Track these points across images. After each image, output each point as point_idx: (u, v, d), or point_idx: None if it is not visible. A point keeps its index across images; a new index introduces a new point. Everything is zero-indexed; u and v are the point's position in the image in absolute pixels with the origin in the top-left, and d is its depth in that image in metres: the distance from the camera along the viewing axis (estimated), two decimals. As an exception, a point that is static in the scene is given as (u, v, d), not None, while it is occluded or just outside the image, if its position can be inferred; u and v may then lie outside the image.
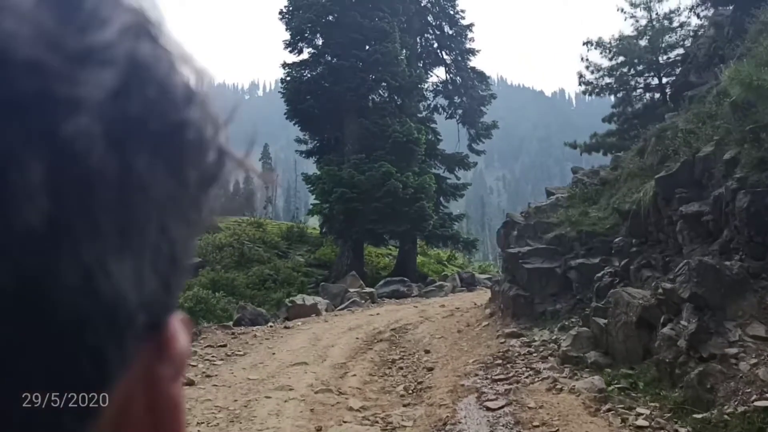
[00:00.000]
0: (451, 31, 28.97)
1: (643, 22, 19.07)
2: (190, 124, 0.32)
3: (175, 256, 0.32)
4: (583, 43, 19.79)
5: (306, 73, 23.88)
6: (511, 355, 8.21)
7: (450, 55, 29.20)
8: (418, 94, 25.34)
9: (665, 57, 18.90)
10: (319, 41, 23.93)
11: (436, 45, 29.27)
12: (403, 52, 23.21)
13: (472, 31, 29.03)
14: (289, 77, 23.85)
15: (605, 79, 20.10)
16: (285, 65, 23.98)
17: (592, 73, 20.21)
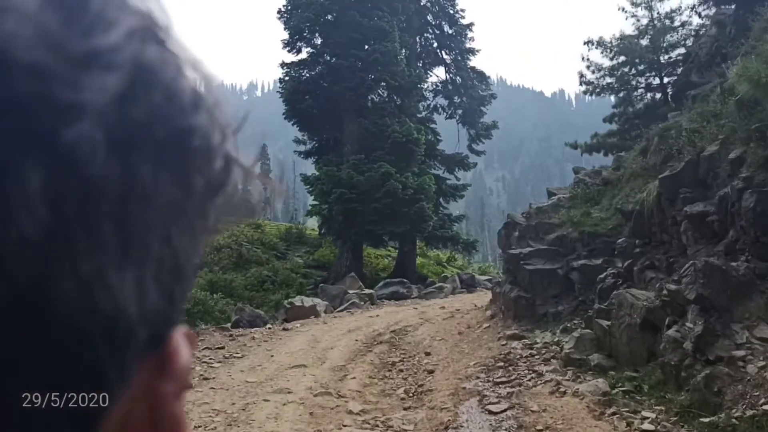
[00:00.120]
0: (450, 31, 28.86)
1: (645, 22, 19.03)
2: (197, 131, 0.31)
3: (179, 267, 0.31)
4: (584, 43, 19.75)
5: (305, 73, 23.75)
6: (512, 357, 8.11)
7: (450, 54, 29.10)
8: (418, 94, 25.23)
9: (666, 56, 18.85)
10: (318, 41, 23.79)
11: (436, 44, 29.16)
12: (403, 51, 23.09)
13: (471, 30, 28.96)
14: (287, 77, 23.73)
15: (606, 79, 20.03)
16: (283, 65, 23.85)
17: (593, 72, 20.16)
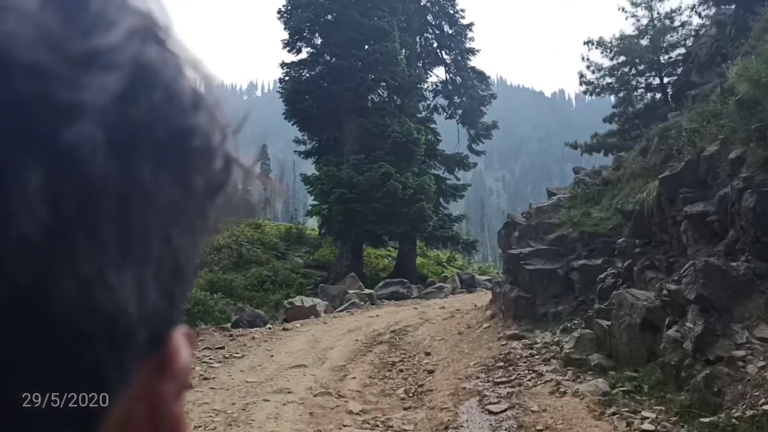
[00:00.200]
0: (450, 31, 28.84)
1: (645, 22, 19.02)
2: (197, 131, 0.31)
3: (179, 267, 0.31)
4: (584, 43, 19.74)
5: (305, 73, 23.74)
6: (512, 357, 8.11)
7: (450, 54, 29.07)
8: (418, 94, 25.21)
9: (666, 56, 18.85)
10: (318, 41, 23.77)
11: (436, 44, 29.14)
12: (403, 51, 23.07)
13: (471, 30, 28.94)
14: (287, 77, 23.70)
15: (606, 79, 20.03)
16: (283, 65, 23.83)
17: (593, 72, 20.16)
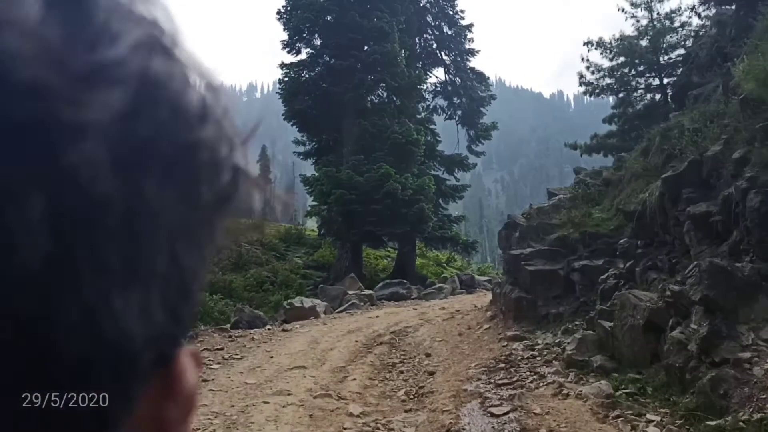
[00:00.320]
0: (450, 32, 28.81)
1: (644, 22, 18.98)
2: (204, 144, 0.30)
3: (186, 284, 0.30)
4: (584, 44, 19.68)
5: (304, 74, 23.68)
6: (514, 358, 8.03)
7: (449, 55, 29.04)
8: (417, 95, 25.17)
9: (666, 57, 18.80)
10: (318, 41, 23.73)
11: (435, 45, 29.11)
12: (402, 52, 23.02)
13: (471, 31, 28.93)
14: (287, 78, 23.65)
15: (606, 80, 19.97)
16: (283, 65, 23.77)
17: (593, 73, 20.10)
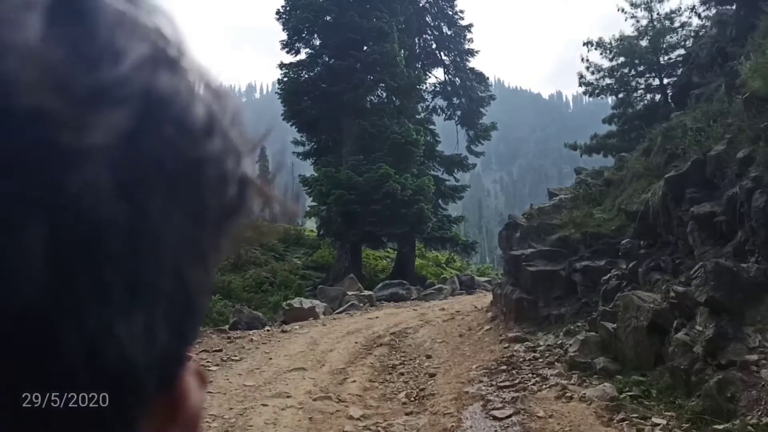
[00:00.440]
0: (449, 32, 28.74)
1: (644, 23, 18.93)
2: (210, 160, 0.29)
3: (191, 300, 0.28)
4: (584, 44, 19.61)
5: (303, 74, 23.59)
6: (515, 360, 7.95)
7: (449, 55, 28.96)
8: (417, 95, 25.09)
9: (666, 57, 18.76)
10: (317, 41, 23.64)
11: (435, 46, 29.03)
12: (402, 52, 22.94)
13: (470, 31, 28.86)
14: (286, 78, 23.55)
15: (606, 80, 19.91)
16: (282, 66, 23.68)
17: (593, 73, 20.04)
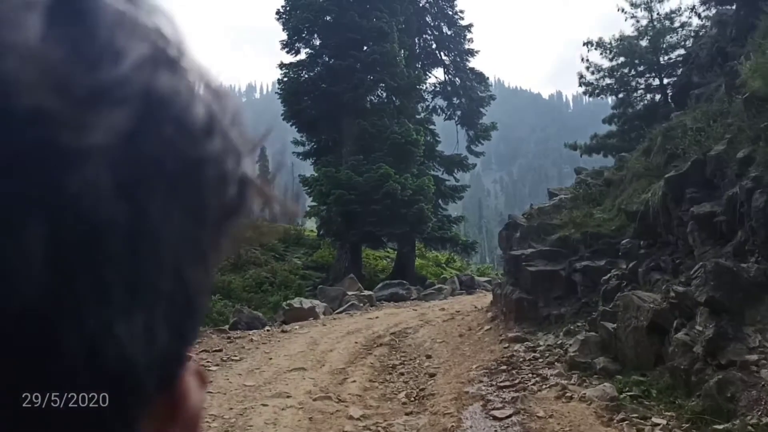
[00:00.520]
0: (449, 32, 28.74)
1: (644, 23, 18.93)
2: (210, 159, 0.29)
3: (191, 300, 0.29)
4: (584, 44, 19.61)
5: (303, 74, 23.58)
6: (515, 360, 7.95)
7: (449, 55, 28.96)
8: (417, 95, 25.08)
9: (666, 57, 18.76)
10: (317, 41, 23.63)
11: (435, 46, 29.02)
12: (402, 52, 22.94)
13: (470, 31, 28.86)
14: (286, 78, 23.55)
15: (606, 80, 19.91)
16: (282, 66, 23.68)
17: (593, 73, 20.04)
